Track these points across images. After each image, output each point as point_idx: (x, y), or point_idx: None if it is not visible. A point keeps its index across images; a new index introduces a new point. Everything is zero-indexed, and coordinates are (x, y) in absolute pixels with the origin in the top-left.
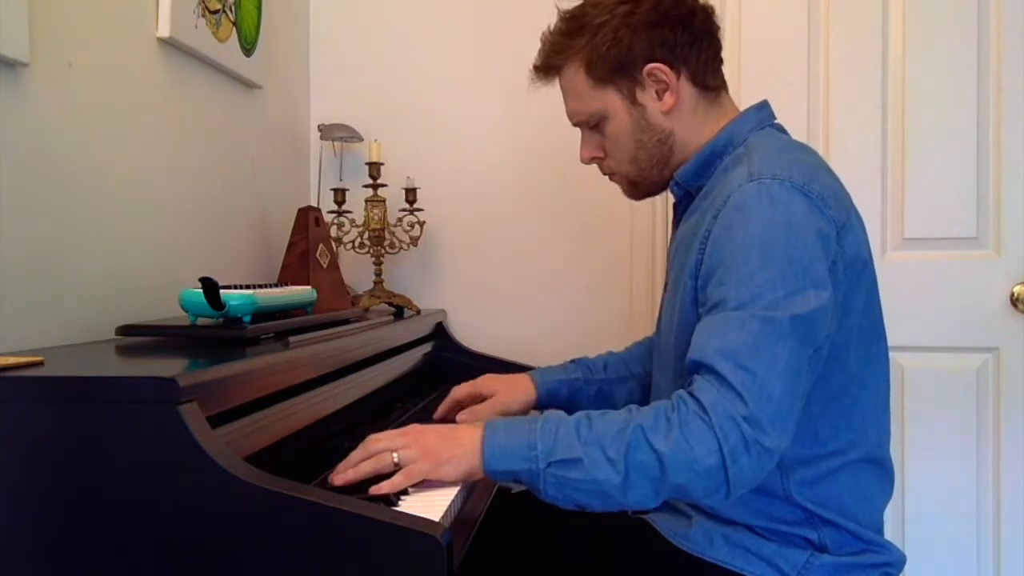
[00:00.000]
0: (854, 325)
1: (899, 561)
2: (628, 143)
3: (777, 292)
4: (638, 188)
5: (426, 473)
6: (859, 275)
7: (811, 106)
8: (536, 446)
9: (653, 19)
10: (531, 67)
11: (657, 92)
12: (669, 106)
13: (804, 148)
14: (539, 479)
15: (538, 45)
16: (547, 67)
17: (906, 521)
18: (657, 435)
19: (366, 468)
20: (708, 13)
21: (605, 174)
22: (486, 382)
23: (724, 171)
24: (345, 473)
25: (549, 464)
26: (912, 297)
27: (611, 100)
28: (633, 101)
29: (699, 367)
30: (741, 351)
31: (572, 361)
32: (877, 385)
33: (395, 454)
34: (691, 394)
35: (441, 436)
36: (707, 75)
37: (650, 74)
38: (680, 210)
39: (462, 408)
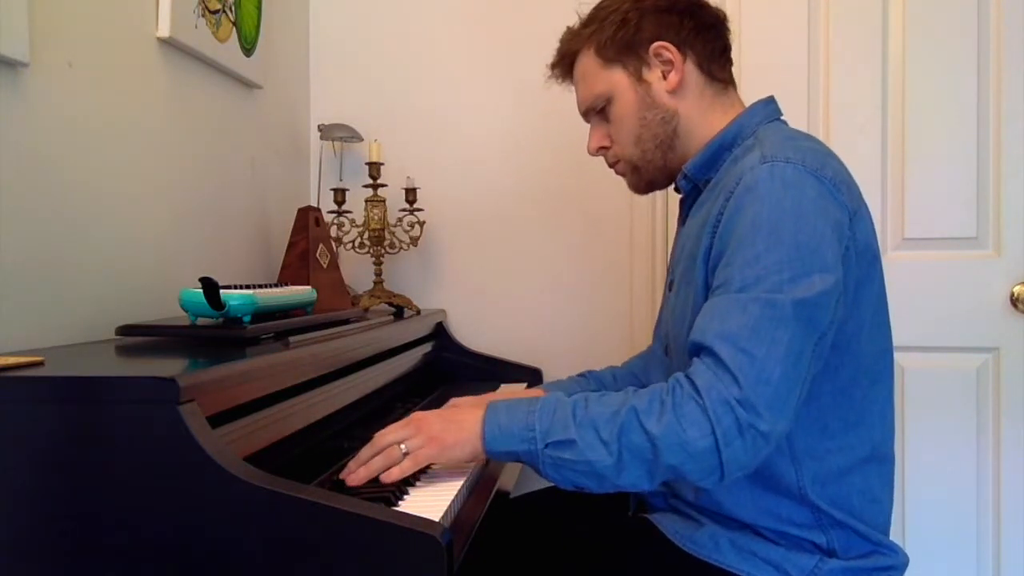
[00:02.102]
0: (866, 318)
1: (904, 563)
2: (633, 122)
3: (782, 275)
4: (641, 175)
5: (433, 457)
6: (871, 266)
7: (811, 106)
8: (534, 427)
9: (662, 5)
10: (548, 65)
11: (663, 72)
12: (674, 85)
13: (814, 138)
14: (538, 460)
15: (538, 46)
16: (562, 57)
17: (906, 521)
18: (650, 417)
19: (376, 464)
20: (719, 14)
21: (611, 165)
22: None
23: (734, 162)
24: (357, 472)
25: (546, 445)
26: (912, 297)
27: (617, 79)
28: (639, 79)
29: (699, 349)
30: (741, 334)
31: (581, 375)
32: (884, 381)
33: (402, 445)
34: (687, 376)
35: (444, 420)
36: (713, 65)
37: (656, 53)
38: (687, 205)
39: None
